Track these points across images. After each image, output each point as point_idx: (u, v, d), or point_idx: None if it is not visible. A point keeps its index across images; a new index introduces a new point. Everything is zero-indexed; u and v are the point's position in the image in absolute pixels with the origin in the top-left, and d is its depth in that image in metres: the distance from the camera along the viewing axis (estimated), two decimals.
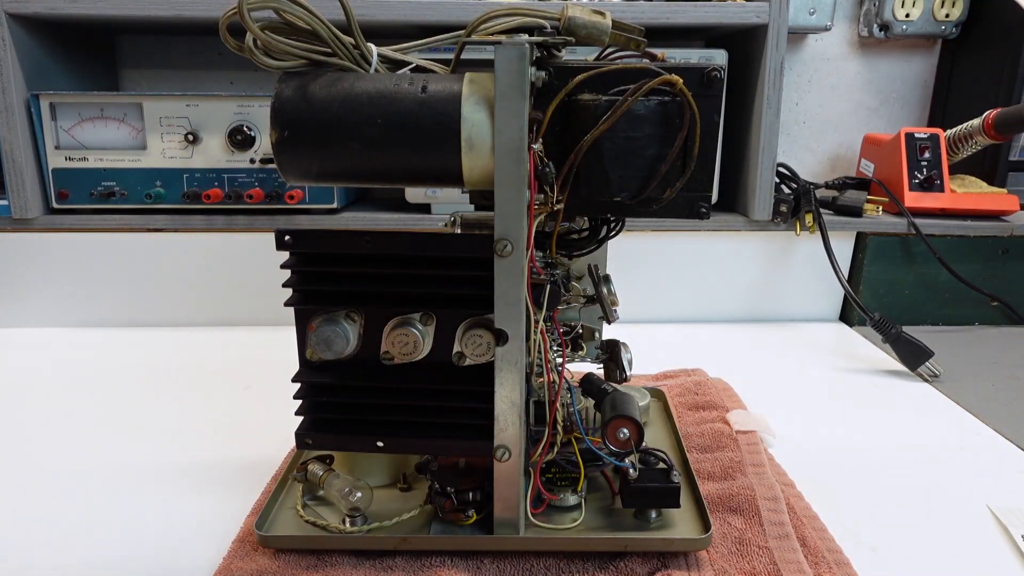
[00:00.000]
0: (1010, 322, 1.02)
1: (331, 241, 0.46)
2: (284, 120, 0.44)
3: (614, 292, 0.57)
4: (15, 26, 0.85)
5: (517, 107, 0.41)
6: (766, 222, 0.97)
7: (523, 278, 0.44)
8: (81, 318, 0.95)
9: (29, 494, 0.58)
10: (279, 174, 0.47)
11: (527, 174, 0.42)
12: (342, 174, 0.46)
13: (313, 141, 0.45)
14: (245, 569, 0.48)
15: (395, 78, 0.46)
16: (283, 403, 0.71)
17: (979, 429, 0.71)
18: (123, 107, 0.89)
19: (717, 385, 0.77)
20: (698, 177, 0.47)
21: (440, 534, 0.50)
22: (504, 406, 0.46)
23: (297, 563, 0.49)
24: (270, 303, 0.95)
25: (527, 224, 0.43)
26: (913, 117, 1.20)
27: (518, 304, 0.44)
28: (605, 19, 0.45)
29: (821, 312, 1.04)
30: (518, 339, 0.45)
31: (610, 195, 0.46)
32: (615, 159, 0.45)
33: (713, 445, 0.64)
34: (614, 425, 0.49)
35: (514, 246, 0.43)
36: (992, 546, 0.53)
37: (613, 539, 0.49)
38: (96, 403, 0.74)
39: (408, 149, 0.44)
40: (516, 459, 0.47)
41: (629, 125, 0.45)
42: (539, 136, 0.43)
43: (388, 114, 0.43)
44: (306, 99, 0.45)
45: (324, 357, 0.47)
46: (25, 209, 0.88)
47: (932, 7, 1.11)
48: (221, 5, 0.85)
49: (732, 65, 0.93)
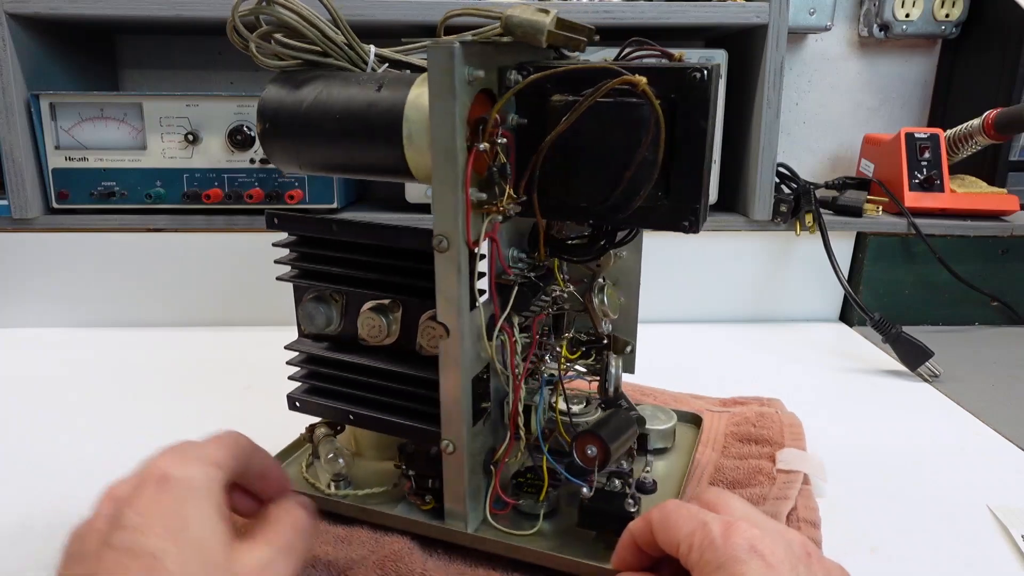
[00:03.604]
0: (1010, 322, 1.02)
1: (309, 226, 0.52)
2: (264, 114, 0.49)
3: (605, 303, 0.54)
4: (15, 26, 0.85)
5: (448, 106, 0.41)
6: (766, 222, 0.97)
7: (461, 274, 0.43)
8: (81, 318, 0.95)
9: (29, 494, 0.58)
10: (279, 173, 0.50)
11: (462, 172, 0.42)
12: (318, 164, 0.50)
13: (287, 134, 0.49)
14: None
15: (369, 78, 0.47)
16: (283, 403, 0.72)
17: (979, 429, 0.71)
18: (123, 107, 0.89)
19: (783, 420, 0.69)
20: (681, 187, 0.44)
21: (402, 514, 0.51)
22: (448, 400, 0.46)
23: None
24: (270, 303, 0.95)
25: (463, 221, 0.42)
26: (913, 117, 1.20)
27: (455, 299, 0.44)
28: (543, 17, 0.42)
29: (821, 312, 1.04)
30: (457, 335, 0.44)
31: (575, 200, 0.45)
32: (577, 163, 0.44)
33: (745, 480, 0.59)
34: (581, 441, 0.47)
35: (450, 242, 0.43)
36: (992, 546, 0.53)
37: (555, 556, 0.47)
38: (96, 403, 0.74)
39: (361, 144, 0.47)
40: (460, 454, 0.47)
41: (592, 128, 0.43)
42: (487, 136, 0.42)
43: (344, 111, 0.47)
44: (284, 95, 0.49)
45: (309, 330, 0.53)
46: (25, 209, 0.88)
47: (932, 7, 1.11)
48: (221, 5, 0.85)
49: (732, 65, 0.93)
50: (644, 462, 0.57)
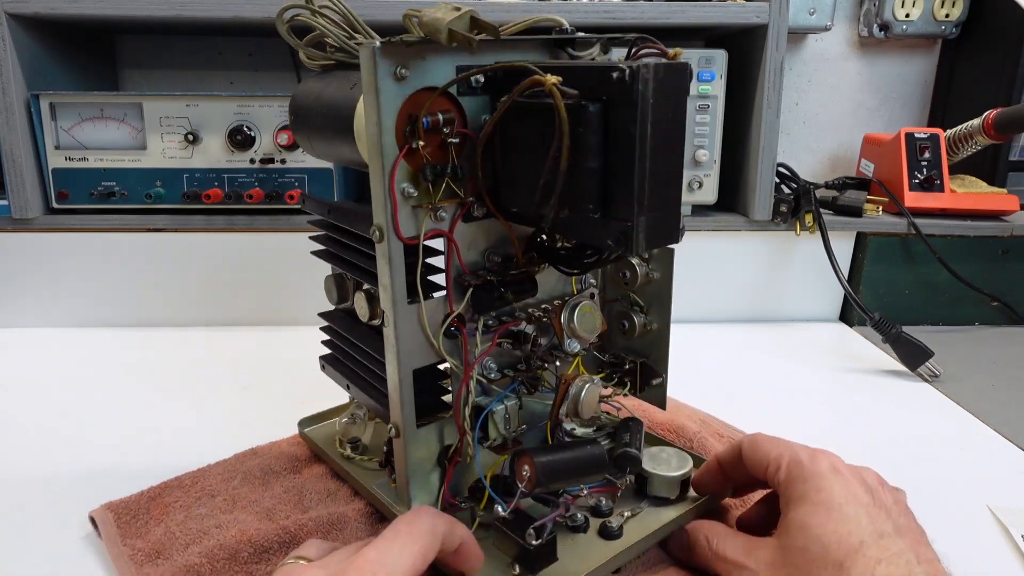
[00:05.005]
0: (1010, 322, 1.02)
1: (318, 208, 0.56)
2: (291, 107, 0.56)
3: (575, 322, 0.49)
4: (15, 26, 0.85)
5: (372, 104, 0.42)
6: (766, 222, 0.97)
7: (393, 265, 0.44)
8: (81, 318, 0.95)
9: (29, 494, 0.58)
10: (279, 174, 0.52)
11: (388, 167, 0.42)
12: (322, 154, 0.56)
13: (302, 125, 0.55)
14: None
15: (357, 78, 0.48)
16: (283, 403, 0.72)
17: (979, 429, 0.71)
18: (123, 107, 0.89)
19: None
20: (613, 201, 0.38)
21: (367, 483, 0.55)
22: (391, 387, 0.48)
23: (309, 458, 0.62)
24: (270, 303, 0.95)
25: (390, 215, 0.43)
26: (913, 117, 1.20)
27: (388, 288, 0.45)
28: (445, 16, 0.41)
29: (821, 312, 1.04)
30: (391, 322, 0.46)
31: (509, 204, 0.44)
32: (512, 166, 0.43)
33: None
34: (519, 461, 0.46)
35: (383, 234, 0.44)
36: (992, 546, 0.53)
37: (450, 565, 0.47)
38: (96, 403, 0.74)
39: (337, 138, 0.50)
40: (403, 439, 0.48)
41: (518, 130, 0.41)
42: (422, 134, 0.42)
43: (328, 108, 0.51)
44: (304, 92, 0.55)
45: (330, 303, 0.60)
46: (25, 209, 0.88)
47: (932, 7, 1.11)
48: (221, 5, 0.85)
49: (732, 65, 0.93)
50: (633, 507, 0.52)
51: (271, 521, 0.53)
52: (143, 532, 0.52)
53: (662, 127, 0.38)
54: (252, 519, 0.53)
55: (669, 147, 0.39)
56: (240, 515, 0.53)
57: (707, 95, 0.93)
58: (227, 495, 0.56)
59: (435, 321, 0.47)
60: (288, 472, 0.60)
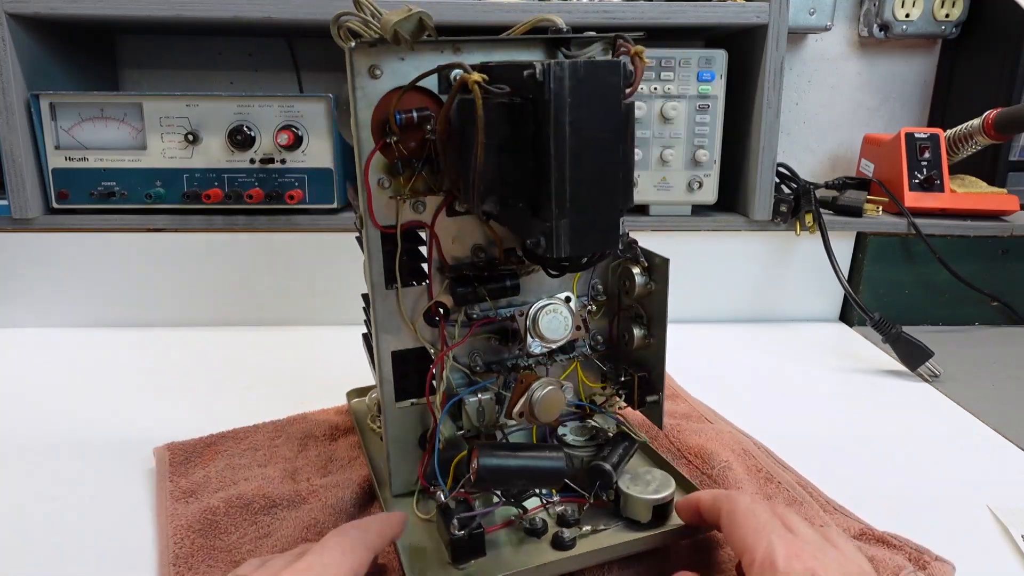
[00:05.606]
0: (1010, 322, 1.02)
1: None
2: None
3: (540, 325, 0.49)
4: (15, 26, 0.85)
5: (352, 101, 0.45)
6: (766, 222, 0.97)
7: (371, 252, 0.48)
8: (81, 318, 0.95)
9: (29, 494, 0.58)
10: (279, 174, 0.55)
11: (363, 160, 0.46)
12: None
13: None
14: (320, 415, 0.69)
15: None
16: (283, 403, 0.72)
17: (979, 429, 0.71)
18: (123, 107, 0.89)
19: None
20: (539, 199, 0.38)
21: (382, 461, 0.56)
22: (377, 364, 0.51)
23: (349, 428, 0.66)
24: (270, 303, 0.95)
25: (365, 204, 0.47)
26: (913, 117, 1.20)
27: (368, 274, 0.49)
28: (392, 17, 0.42)
29: (821, 312, 1.04)
30: (372, 305, 0.49)
31: (463, 201, 0.45)
32: (460, 164, 0.42)
33: None
34: (472, 454, 0.46)
35: (362, 222, 0.48)
36: (992, 546, 0.53)
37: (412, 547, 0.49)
38: (96, 403, 0.74)
39: None
40: (384, 415, 0.52)
41: (460, 127, 0.42)
42: (394, 129, 0.45)
43: None
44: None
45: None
46: (25, 209, 0.88)
47: (932, 7, 1.11)
48: (221, 5, 0.85)
49: (732, 65, 0.93)
50: (604, 524, 0.49)
51: (293, 482, 0.58)
52: (188, 472, 0.59)
53: (586, 127, 0.37)
54: (277, 476, 0.58)
55: (599, 148, 0.38)
56: (270, 471, 0.59)
57: (707, 95, 0.93)
58: (267, 451, 0.62)
59: (418, 308, 0.50)
60: (325, 439, 0.65)
